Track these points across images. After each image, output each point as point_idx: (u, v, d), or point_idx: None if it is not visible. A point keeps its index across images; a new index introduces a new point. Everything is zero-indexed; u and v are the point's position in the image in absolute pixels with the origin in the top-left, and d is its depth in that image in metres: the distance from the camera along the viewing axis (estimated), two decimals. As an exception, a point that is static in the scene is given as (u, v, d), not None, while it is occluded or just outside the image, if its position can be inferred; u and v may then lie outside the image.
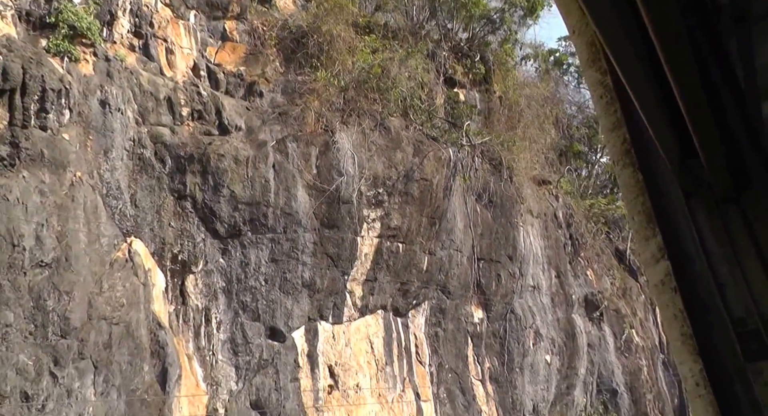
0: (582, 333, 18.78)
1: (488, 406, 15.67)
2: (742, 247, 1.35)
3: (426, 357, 14.84)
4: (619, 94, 1.46)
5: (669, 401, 21.92)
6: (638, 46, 1.16)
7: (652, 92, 1.24)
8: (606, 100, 1.52)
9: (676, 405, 22.80)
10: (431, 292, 15.11)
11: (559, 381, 17.61)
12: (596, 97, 1.57)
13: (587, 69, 1.58)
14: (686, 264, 1.37)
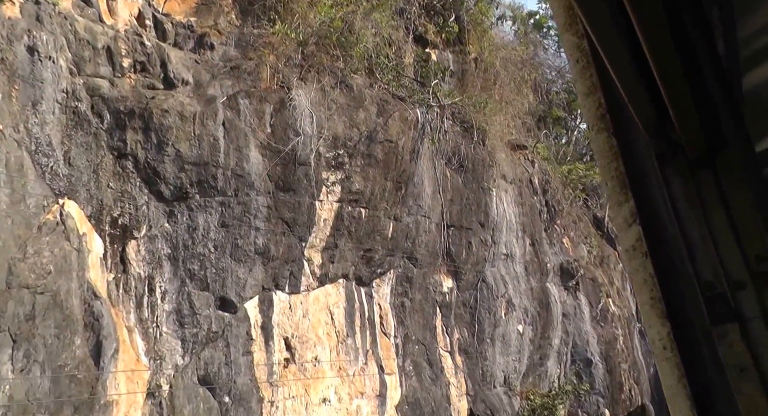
0: (557, 303, 18.24)
1: (457, 378, 15.11)
2: (714, 212, 1.37)
3: (391, 329, 14.17)
4: (595, 59, 1.48)
5: (644, 370, 21.59)
6: (613, 10, 1.15)
7: (626, 56, 1.25)
8: (582, 65, 1.54)
9: (651, 374, 22.51)
10: (397, 260, 14.38)
11: (532, 352, 17.10)
12: (572, 61, 1.59)
13: (564, 32, 1.61)
14: (658, 229, 1.39)
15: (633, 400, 20.08)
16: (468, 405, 15.23)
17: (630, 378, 20.19)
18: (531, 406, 16.16)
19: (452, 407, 14.80)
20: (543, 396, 16.37)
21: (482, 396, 15.46)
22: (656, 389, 22.30)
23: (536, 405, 16.13)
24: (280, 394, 11.84)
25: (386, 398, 13.49)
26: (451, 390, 14.91)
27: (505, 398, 15.99)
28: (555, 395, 16.52)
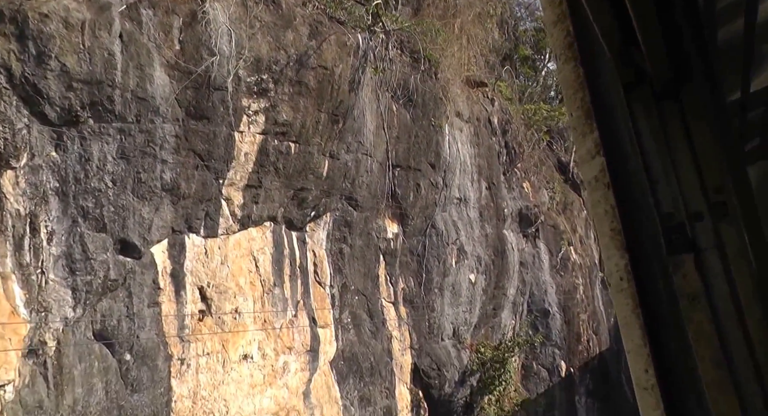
0: (513, 251, 17.15)
1: (400, 331, 14.00)
2: (677, 144, 1.38)
3: (327, 278, 12.91)
4: None
5: (604, 321, 20.84)
6: None
7: None
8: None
9: (612, 325, 21.81)
10: (334, 202, 13.01)
11: (485, 303, 16.06)
12: None
13: None
14: (621, 161, 1.39)
15: (591, 351, 19.35)
16: (412, 359, 14.18)
17: (589, 329, 19.40)
18: (481, 359, 15.21)
19: (394, 361, 13.74)
20: (494, 349, 15.41)
21: (428, 349, 14.42)
22: (616, 339, 21.64)
23: (486, 358, 15.18)
24: (193, 351, 10.55)
25: (319, 353, 12.32)
26: (394, 343, 13.81)
27: (454, 351, 14.99)
28: (507, 347, 15.58)
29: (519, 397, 16.89)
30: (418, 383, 14.26)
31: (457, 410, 14.84)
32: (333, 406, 12.33)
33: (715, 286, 1.28)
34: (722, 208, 1.32)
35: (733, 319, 1.28)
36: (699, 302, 1.28)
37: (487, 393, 14.83)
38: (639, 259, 1.33)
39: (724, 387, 1.27)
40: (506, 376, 14.97)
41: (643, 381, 1.32)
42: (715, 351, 1.28)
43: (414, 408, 14.06)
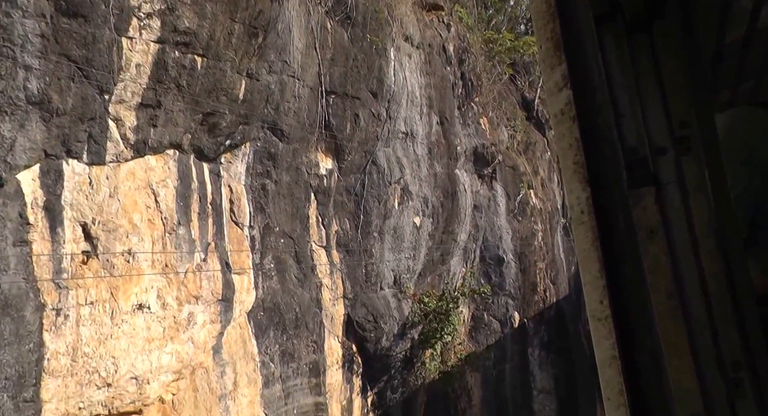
0: (466, 192, 15.80)
1: (332, 279, 12.66)
2: (646, 78, 1.42)
3: (246, 217, 11.41)
4: None
5: (564, 270, 19.83)
6: None
7: None
8: None
9: (572, 274, 20.86)
10: (255, 131, 11.40)
11: (432, 249, 14.78)
12: None
13: None
14: (588, 93, 1.40)
15: (547, 302, 18.37)
16: (345, 310, 12.91)
17: (546, 278, 18.37)
18: (424, 311, 14.03)
19: (324, 312, 12.45)
20: (439, 299, 14.22)
21: (364, 299, 13.15)
22: (575, 289, 20.74)
23: (430, 309, 13.99)
24: (72, 299, 9.03)
25: (233, 303, 10.92)
26: (324, 292, 12.48)
27: (394, 301, 13.76)
28: (452, 297, 14.40)
29: (465, 351, 15.87)
30: (351, 336, 13.04)
31: (396, 365, 13.73)
32: (249, 363, 11.04)
33: (673, 220, 1.35)
34: (685, 143, 1.37)
35: (688, 252, 1.33)
36: (657, 234, 1.35)
37: (428, 347, 13.72)
38: (601, 192, 1.35)
39: (674, 317, 1.34)
40: (449, 328, 13.84)
41: (597, 312, 1.35)
42: (669, 283, 1.34)
43: (346, 363, 12.87)
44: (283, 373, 11.57)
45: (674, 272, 1.35)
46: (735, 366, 1.33)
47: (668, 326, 1.33)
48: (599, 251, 1.32)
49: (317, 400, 12.10)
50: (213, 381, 10.53)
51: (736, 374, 1.32)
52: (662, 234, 1.35)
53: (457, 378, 15.18)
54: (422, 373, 13.93)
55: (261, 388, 11.17)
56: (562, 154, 1.41)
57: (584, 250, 1.35)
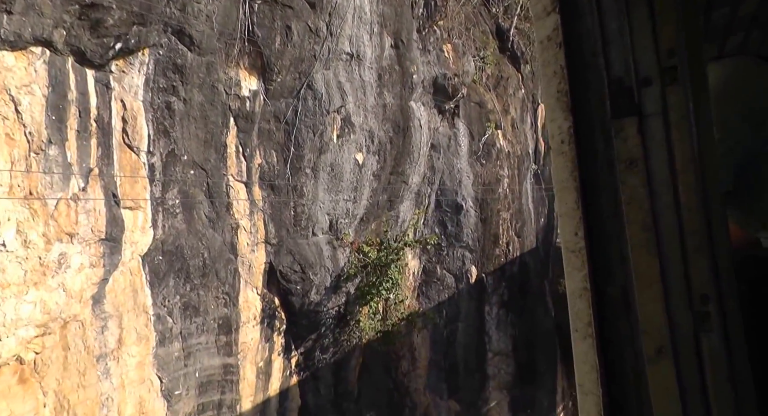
0: (421, 129, 14.16)
1: (252, 220, 11.08)
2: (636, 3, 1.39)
3: (143, 140, 9.69)
4: None
5: (531, 221, 18.48)
6: None
7: None
8: None
9: (541, 226, 19.54)
10: (155, 35, 9.55)
11: (377, 191, 13.22)
12: None
13: None
14: (577, 19, 1.41)
15: (510, 256, 17.06)
16: (267, 257, 11.39)
17: (510, 230, 17.00)
18: (363, 261, 12.57)
19: (240, 259, 10.92)
20: (382, 249, 12.75)
21: (291, 246, 11.62)
22: (544, 243, 19.46)
23: (370, 260, 12.53)
24: None
25: (121, 243, 9.31)
26: (241, 236, 10.92)
27: (328, 249, 12.26)
28: (395, 248, 12.94)
29: (412, 308, 14.55)
30: (273, 288, 11.57)
31: (327, 322, 12.35)
32: (140, 316, 9.52)
33: (654, 152, 1.35)
34: (672, 73, 1.35)
35: (667, 185, 1.33)
36: (636, 166, 1.35)
37: (365, 303, 12.33)
38: (583, 122, 1.38)
39: (648, 249, 1.34)
40: (388, 283, 12.42)
41: (571, 244, 1.39)
42: (645, 215, 1.34)
43: (266, 319, 11.44)
44: (184, 330, 10.10)
45: (651, 205, 1.35)
46: (703, 300, 1.33)
47: (641, 258, 1.34)
48: (577, 182, 1.37)
49: (226, 361, 10.70)
50: (90, 337, 9.01)
51: (704, 307, 1.32)
52: (642, 166, 1.36)
53: (399, 338, 13.91)
54: (358, 332, 12.58)
55: (154, 347, 9.70)
56: (546, 82, 1.43)
57: (562, 180, 1.39)
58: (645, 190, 1.34)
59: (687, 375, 1.31)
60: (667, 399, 1.32)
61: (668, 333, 1.32)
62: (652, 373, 1.33)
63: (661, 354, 1.32)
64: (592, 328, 1.33)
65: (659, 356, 1.32)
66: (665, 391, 1.32)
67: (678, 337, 1.32)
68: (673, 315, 1.32)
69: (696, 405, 1.31)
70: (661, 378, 1.32)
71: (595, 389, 1.35)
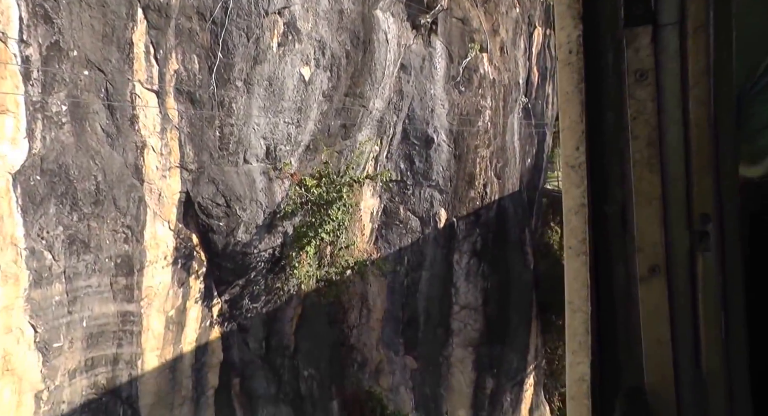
0: (388, 44, 12.21)
1: (163, 138, 9.31)
2: None
3: (12, 25, 7.80)
4: None
5: (516, 161, 16.77)
6: None
7: None
8: None
9: (527, 168, 17.88)
10: None
11: (328, 115, 11.40)
12: None
13: None
14: None
15: (486, 199, 15.42)
16: (183, 186, 9.67)
17: (489, 170, 15.29)
18: (303, 197, 10.88)
19: (147, 186, 9.21)
20: (330, 183, 11.04)
21: (214, 173, 9.89)
22: (529, 186, 17.84)
23: (315, 197, 10.84)
24: None
25: (-21, 157, 7.56)
26: (149, 156, 9.17)
27: (262, 181, 10.55)
28: (344, 183, 11.21)
29: (368, 252, 12.99)
30: (191, 223, 9.92)
31: (258, 267, 10.77)
32: (6, 250, 7.85)
33: (666, 64, 1.30)
34: None
35: (677, 99, 1.31)
36: (646, 79, 1.31)
37: (301, 247, 10.69)
38: (593, 30, 1.34)
39: (651, 167, 1.32)
40: (329, 225, 10.74)
41: (572, 159, 1.38)
42: (652, 130, 1.32)
43: (180, 259, 9.84)
44: (68, 269, 8.47)
45: (658, 120, 1.32)
46: (703, 219, 1.31)
47: (643, 174, 1.33)
48: (583, 95, 1.35)
49: (125, 309, 9.14)
50: (-68, 273, 7.38)
51: (703, 227, 1.31)
52: (652, 79, 1.30)
53: (346, 288, 12.40)
54: (296, 279, 10.98)
55: (27, 289, 8.08)
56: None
57: (567, 93, 1.37)
58: (653, 104, 1.30)
59: (679, 295, 1.33)
60: (657, 318, 1.34)
61: (663, 252, 1.33)
62: (643, 292, 1.34)
63: (654, 273, 1.33)
64: (587, 245, 1.36)
65: (652, 275, 1.33)
66: (655, 311, 1.34)
67: (673, 256, 1.32)
68: (670, 234, 1.32)
69: (685, 326, 1.33)
70: (652, 298, 1.34)
71: (584, 306, 1.39)
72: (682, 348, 1.34)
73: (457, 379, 15.60)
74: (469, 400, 15.86)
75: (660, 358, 1.35)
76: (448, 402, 15.51)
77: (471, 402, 15.89)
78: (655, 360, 1.36)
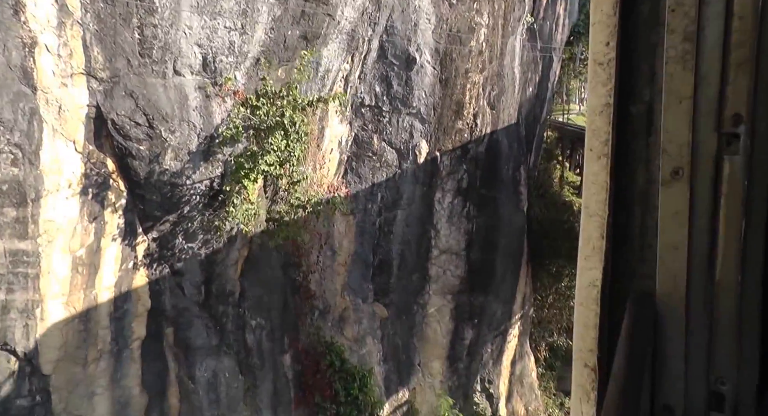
0: (363, -63, 10.14)
1: (61, 36, 7.51)
2: None
3: None
4: None
5: (515, 89, 14.88)
6: None
7: None
8: None
9: (528, 97, 16.03)
10: None
11: (283, 22, 9.49)
12: None
13: None
14: None
15: (477, 132, 13.62)
16: (91, 98, 7.93)
17: (482, 98, 13.42)
18: (245, 118, 9.11)
19: (39, 96, 7.49)
20: (279, 99, 9.22)
21: (133, 84, 8.11)
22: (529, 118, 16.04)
23: (262, 119, 9.06)
24: None
25: None
26: (42, 59, 7.41)
27: (197, 98, 8.78)
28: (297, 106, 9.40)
29: (333, 187, 11.31)
30: (105, 146, 8.23)
31: (192, 201, 9.12)
32: None
33: None
34: None
35: None
36: None
37: (236, 180, 8.97)
38: None
39: (684, 64, 1.26)
40: (275, 155, 9.00)
41: (600, 56, 1.33)
42: (690, 22, 1.25)
43: (91, 188, 8.20)
44: (-67, 195, 6.85)
45: (698, 12, 1.25)
46: (735, 120, 1.25)
47: (676, 71, 1.27)
48: None
49: (15, 247, 7.58)
50: None
51: (734, 129, 1.26)
52: None
53: (305, 228, 10.79)
54: (234, 218, 9.31)
55: None
56: None
57: None
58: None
59: (700, 199, 1.29)
60: (675, 223, 1.31)
61: (689, 155, 1.28)
62: (664, 196, 1.31)
63: (677, 176, 1.29)
64: (609, 147, 1.33)
65: (674, 178, 1.30)
66: (674, 215, 1.31)
67: (698, 159, 1.28)
68: (698, 135, 1.28)
69: (702, 233, 1.29)
70: (672, 202, 1.30)
71: (600, 210, 1.37)
72: (697, 255, 1.30)
73: (433, 329, 14.23)
74: (445, 351, 14.55)
75: (673, 264, 1.32)
76: (421, 353, 14.20)
77: (447, 354, 14.58)
78: (668, 267, 1.32)
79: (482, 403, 15.56)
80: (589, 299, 1.39)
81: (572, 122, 30.52)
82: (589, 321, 1.40)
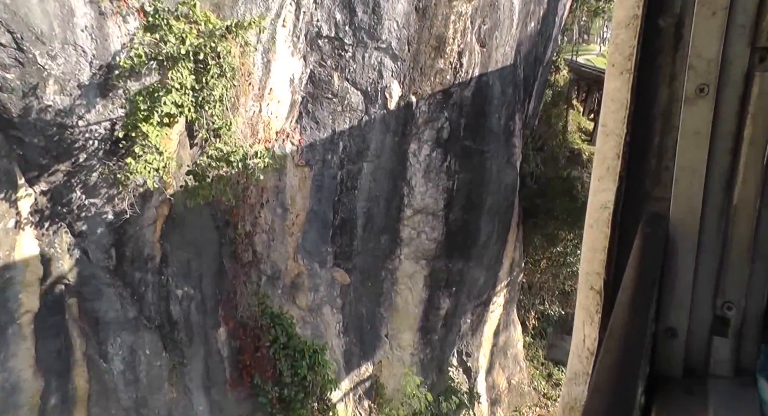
0: None
1: None
2: None
3: None
4: None
5: (514, 24, 12.97)
6: None
7: None
8: None
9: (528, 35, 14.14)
10: None
11: None
12: None
13: None
14: None
15: (462, 74, 11.76)
16: None
17: (469, 33, 11.50)
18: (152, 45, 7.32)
19: None
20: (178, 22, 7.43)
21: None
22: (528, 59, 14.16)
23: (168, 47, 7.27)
24: None
25: None
26: None
27: (87, 14, 6.94)
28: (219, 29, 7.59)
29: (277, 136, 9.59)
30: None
31: (88, 146, 7.43)
32: None
33: None
34: None
35: None
36: None
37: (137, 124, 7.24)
38: None
39: None
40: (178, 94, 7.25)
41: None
42: None
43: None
44: None
45: None
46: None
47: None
48: None
49: None
50: None
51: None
52: None
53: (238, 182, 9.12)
54: (133, 172, 7.61)
55: None
56: None
57: None
58: None
59: (725, 118, 1.22)
60: (695, 143, 1.25)
61: (717, 70, 1.21)
62: (686, 114, 1.25)
63: (701, 93, 1.23)
64: (632, 62, 1.26)
65: (699, 95, 1.23)
66: (695, 135, 1.25)
67: (727, 75, 1.20)
68: (730, 50, 1.19)
69: (723, 153, 1.23)
70: (694, 120, 1.24)
71: (618, 129, 1.31)
72: (716, 177, 1.25)
73: (404, 298, 12.72)
74: (417, 322, 13.07)
75: (690, 186, 1.28)
76: (389, 324, 12.74)
77: (419, 325, 13.12)
78: (684, 188, 1.28)
79: (458, 378, 14.20)
80: (600, 221, 1.35)
81: (590, 63, 28.22)
82: (598, 243, 1.36)
